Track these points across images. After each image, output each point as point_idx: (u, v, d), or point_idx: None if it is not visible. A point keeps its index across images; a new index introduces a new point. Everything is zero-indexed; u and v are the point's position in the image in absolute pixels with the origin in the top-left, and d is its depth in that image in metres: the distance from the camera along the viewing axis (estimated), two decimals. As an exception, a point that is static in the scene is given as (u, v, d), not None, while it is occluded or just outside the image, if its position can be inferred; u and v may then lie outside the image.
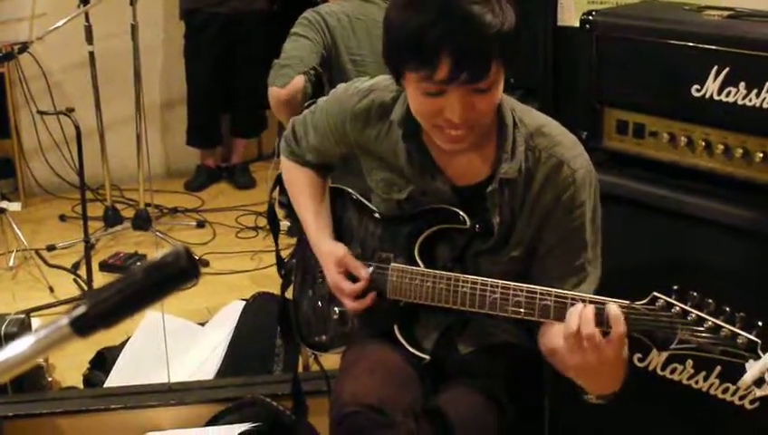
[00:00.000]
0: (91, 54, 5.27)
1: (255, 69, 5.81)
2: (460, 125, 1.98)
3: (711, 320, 1.81)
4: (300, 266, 2.58)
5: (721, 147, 2.39)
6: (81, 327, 1.08)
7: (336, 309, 2.42)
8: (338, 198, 2.46)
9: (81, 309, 1.09)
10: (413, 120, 2.09)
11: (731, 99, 2.33)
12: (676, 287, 1.86)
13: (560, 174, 2.09)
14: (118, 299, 1.08)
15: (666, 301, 1.85)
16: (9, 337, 3.30)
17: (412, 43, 1.91)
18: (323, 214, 2.44)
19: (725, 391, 2.42)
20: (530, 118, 2.15)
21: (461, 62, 1.88)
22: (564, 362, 1.96)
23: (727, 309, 1.82)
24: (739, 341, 1.79)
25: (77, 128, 4.59)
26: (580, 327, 1.87)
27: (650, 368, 2.53)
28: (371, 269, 2.30)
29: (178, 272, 1.08)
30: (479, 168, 2.15)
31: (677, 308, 1.84)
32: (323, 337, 2.50)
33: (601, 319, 1.88)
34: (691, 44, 2.39)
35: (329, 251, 2.36)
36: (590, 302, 1.92)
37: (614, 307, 1.88)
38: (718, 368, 2.40)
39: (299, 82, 3.42)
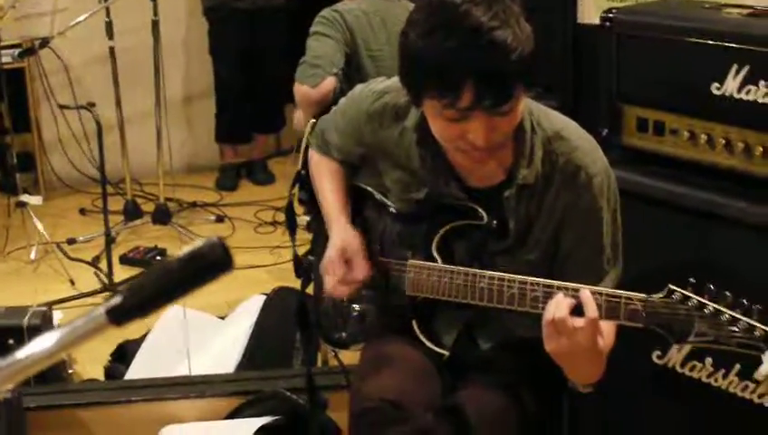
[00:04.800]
0: (112, 50, 5.29)
1: (277, 64, 5.85)
2: (484, 148, 1.99)
3: (728, 312, 1.82)
4: (320, 263, 2.59)
5: (741, 145, 2.39)
6: (117, 316, 1.10)
7: (355, 306, 2.43)
8: (357, 197, 2.47)
9: (118, 299, 1.10)
10: (428, 126, 2.09)
11: (751, 97, 2.33)
12: (692, 280, 1.87)
13: (577, 180, 2.10)
14: (153, 289, 1.10)
15: (682, 293, 1.86)
16: (31, 329, 3.32)
17: (434, 72, 1.90)
18: (345, 203, 2.45)
19: (744, 389, 2.42)
20: (548, 121, 2.14)
21: (485, 90, 1.87)
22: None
23: (744, 302, 1.82)
24: (756, 333, 1.80)
25: (98, 123, 4.62)
26: (554, 314, 1.91)
27: (669, 365, 2.54)
28: (370, 272, 2.32)
29: (213, 262, 1.10)
30: (495, 171, 2.15)
31: (694, 301, 1.85)
32: (342, 334, 2.51)
33: (580, 307, 1.91)
34: (711, 42, 2.40)
35: (342, 233, 2.36)
36: (601, 294, 1.94)
37: (586, 292, 1.92)
38: (737, 366, 2.40)
39: (330, 83, 3.47)
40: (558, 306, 1.92)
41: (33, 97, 5.91)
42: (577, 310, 1.92)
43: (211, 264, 1.10)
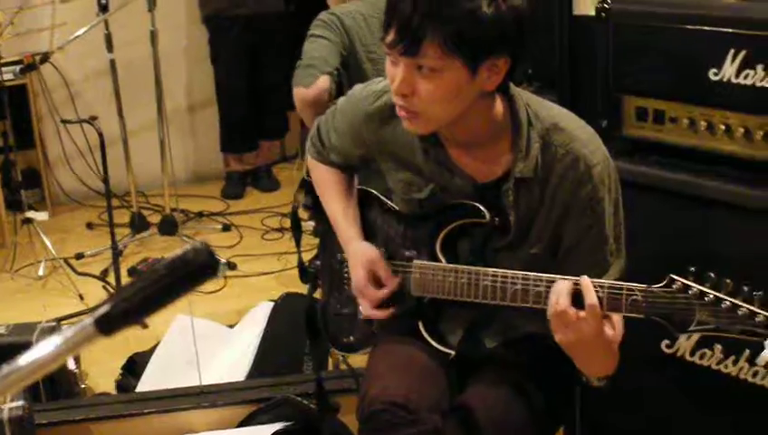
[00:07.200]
0: (112, 62, 5.30)
1: (279, 70, 5.84)
2: (399, 97, 2.02)
3: (728, 300, 1.81)
4: (326, 268, 2.58)
5: (741, 130, 2.38)
6: (106, 326, 1.10)
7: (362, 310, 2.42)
8: (361, 199, 2.46)
9: (105, 308, 1.10)
10: None
11: (749, 81, 2.32)
12: (693, 269, 1.85)
13: (577, 170, 2.08)
14: (140, 297, 1.10)
15: (683, 283, 1.85)
16: (41, 346, 3.32)
17: (385, 12, 2.02)
18: (351, 212, 2.44)
19: (755, 374, 2.40)
20: (546, 113, 2.13)
21: (399, 33, 1.95)
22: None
23: (745, 288, 1.81)
24: (757, 319, 1.78)
25: (100, 135, 4.62)
26: (555, 306, 1.92)
27: (678, 354, 2.52)
28: (398, 279, 2.30)
29: (199, 267, 1.09)
30: (495, 165, 2.15)
31: (695, 289, 1.84)
32: (350, 338, 2.50)
33: (581, 296, 1.91)
34: (707, 28, 2.38)
35: (360, 251, 2.35)
36: (603, 287, 1.93)
37: (585, 279, 1.92)
38: (747, 352, 2.39)
39: (324, 82, 3.44)
40: (559, 298, 1.92)
41: (36, 113, 5.92)
42: (579, 299, 1.92)
43: (196, 269, 1.09)
